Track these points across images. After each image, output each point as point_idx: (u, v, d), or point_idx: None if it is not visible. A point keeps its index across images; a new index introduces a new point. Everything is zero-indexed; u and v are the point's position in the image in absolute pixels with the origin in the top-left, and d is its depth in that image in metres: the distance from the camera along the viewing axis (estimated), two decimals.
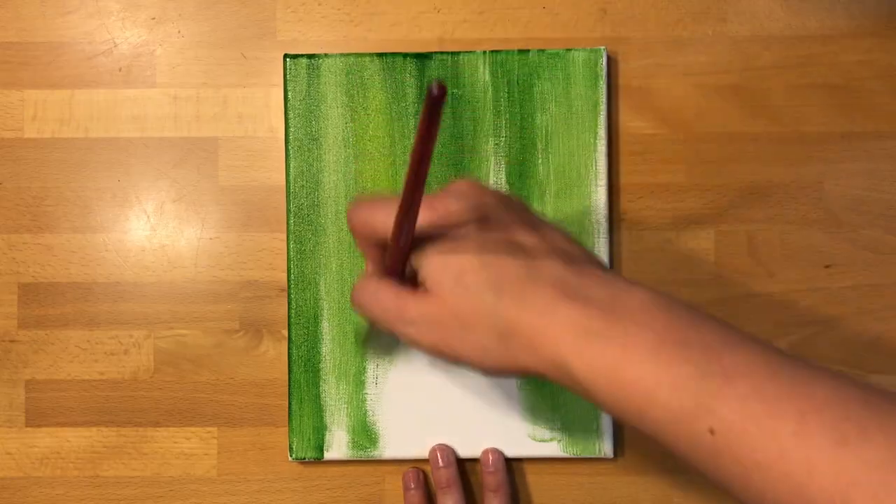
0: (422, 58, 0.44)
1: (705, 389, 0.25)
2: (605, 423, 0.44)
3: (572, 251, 0.31)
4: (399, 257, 0.31)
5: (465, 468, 0.44)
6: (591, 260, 0.31)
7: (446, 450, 0.43)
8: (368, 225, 0.32)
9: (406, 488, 0.44)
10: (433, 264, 0.30)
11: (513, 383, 0.44)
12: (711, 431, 0.25)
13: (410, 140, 0.44)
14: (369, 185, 0.44)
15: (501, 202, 0.32)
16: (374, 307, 0.32)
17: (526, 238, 0.30)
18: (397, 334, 0.32)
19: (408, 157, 0.44)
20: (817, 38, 0.45)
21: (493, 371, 0.30)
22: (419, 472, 0.44)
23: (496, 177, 0.44)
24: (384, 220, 0.31)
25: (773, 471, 0.24)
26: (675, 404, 0.25)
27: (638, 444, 0.45)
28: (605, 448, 0.44)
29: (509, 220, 0.31)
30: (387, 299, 0.32)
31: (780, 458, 0.23)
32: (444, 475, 0.43)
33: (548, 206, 0.44)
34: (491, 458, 0.43)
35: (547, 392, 0.44)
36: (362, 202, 0.33)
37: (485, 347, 0.29)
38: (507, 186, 0.44)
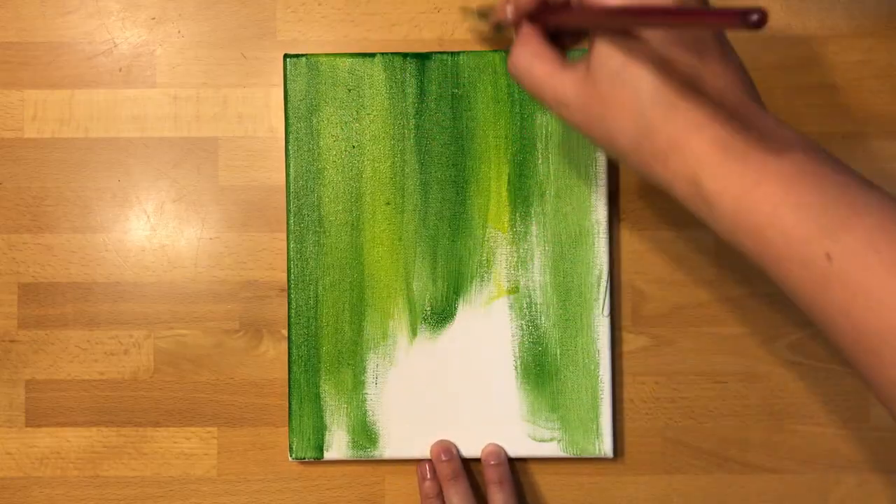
0: (422, 58, 0.44)
1: (831, 216, 0.25)
2: (605, 423, 0.44)
3: (747, 96, 0.30)
4: (576, 23, 0.30)
5: (467, 466, 0.44)
6: (761, 106, 0.30)
7: (448, 444, 0.43)
8: None
9: (422, 479, 0.44)
10: (608, 45, 0.29)
11: (513, 383, 0.44)
12: (828, 257, 0.25)
13: (411, 140, 0.44)
14: (369, 186, 0.44)
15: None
16: (529, 81, 0.32)
17: (712, 65, 0.29)
18: (547, 107, 0.32)
19: (409, 154, 0.44)
20: (817, 38, 0.45)
21: (629, 165, 0.30)
22: (434, 464, 0.44)
23: (496, 176, 0.44)
24: None
25: (884, 303, 0.24)
26: (796, 226, 0.25)
27: (638, 444, 0.45)
28: (605, 448, 0.44)
29: (705, 42, 0.29)
30: (542, 75, 0.31)
31: (894, 291, 0.24)
32: (448, 468, 0.43)
33: (548, 206, 0.44)
34: (493, 451, 0.43)
35: (547, 392, 0.44)
36: None
37: (623, 144, 0.29)
38: (508, 186, 0.44)
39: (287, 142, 0.44)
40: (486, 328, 0.44)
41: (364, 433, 0.44)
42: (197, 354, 0.45)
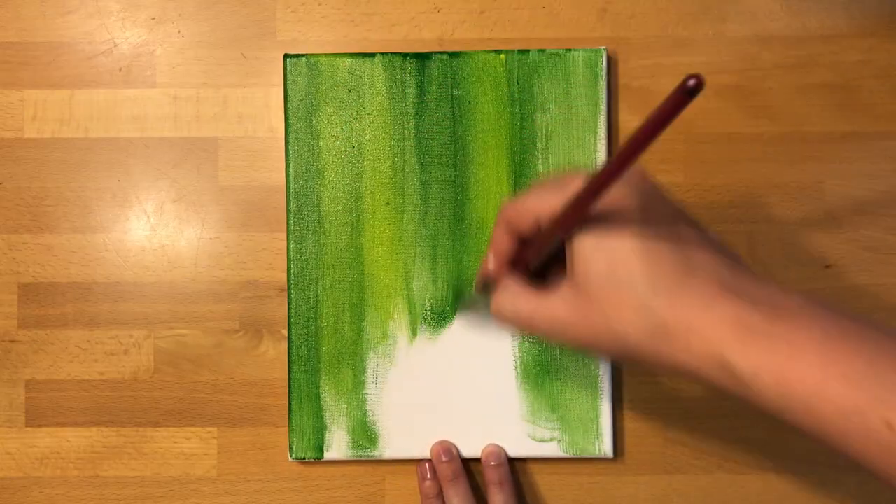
0: (422, 58, 0.44)
1: (880, 381, 0.24)
2: (605, 423, 0.44)
3: (727, 250, 0.29)
4: (546, 247, 0.30)
5: (467, 466, 0.44)
6: (742, 262, 0.30)
7: (448, 445, 0.43)
8: (531, 212, 0.31)
9: (422, 478, 0.44)
10: (586, 250, 0.29)
11: (513, 383, 0.44)
12: (889, 426, 0.24)
13: (411, 140, 0.44)
14: (369, 186, 0.44)
15: (663, 191, 0.30)
16: (519, 322, 0.32)
17: (686, 230, 0.29)
18: (541, 336, 0.31)
19: (409, 154, 0.44)
20: (817, 38, 0.45)
21: (645, 365, 0.29)
22: (434, 464, 0.44)
23: (496, 177, 0.44)
24: (552, 205, 0.29)
25: None
26: (847, 398, 0.25)
27: (638, 444, 0.45)
28: (605, 448, 0.44)
29: (671, 210, 0.30)
30: (529, 311, 0.31)
31: None
32: (449, 469, 0.43)
33: None
34: (493, 452, 0.43)
35: (547, 392, 0.44)
36: (532, 192, 0.31)
37: (636, 345, 0.28)
38: (508, 186, 0.44)
39: (287, 142, 0.44)
40: (487, 328, 0.44)
41: (364, 433, 0.44)
42: (197, 354, 0.45)
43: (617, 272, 0.28)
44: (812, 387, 0.25)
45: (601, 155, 0.44)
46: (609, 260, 0.28)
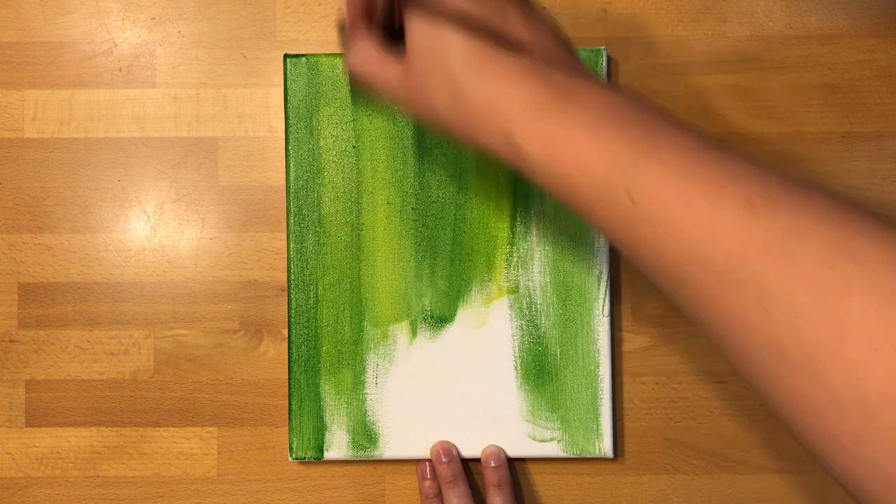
0: None
1: (632, 157, 0.26)
2: (605, 423, 0.44)
3: (557, 53, 0.31)
4: (387, 7, 0.32)
5: (467, 467, 0.44)
6: (573, 52, 0.31)
7: (448, 445, 0.43)
8: None
9: (422, 478, 0.44)
10: (417, 23, 0.30)
11: (513, 383, 0.44)
12: (630, 196, 0.26)
13: (411, 140, 0.44)
14: (369, 186, 0.44)
15: None
16: (361, 75, 0.34)
17: (514, 12, 0.30)
18: (380, 96, 0.33)
19: (409, 154, 0.44)
20: (817, 38, 0.45)
21: (457, 139, 0.31)
22: (433, 465, 0.44)
23: (496, 177, 0.44)
24: None
25: (682, 235, 0.24)
26: (601, 172, 0.26)
27: (638, 444, 0.45)
28: (605, 448, 0.44)
29: (507, 4, 0.31)
30: (371, 62, 0.33)
31: (691, 223, 0.24)
32: (448, 470, 0.43)
33: (548, 207, 0.44)
34: (492, 453, 0.43)
35: (547, 392, 0.44)
36: None
37: (443, 114, 0.30)
38: (507, 186, 0.44)
39: (287, 142, 0.44)
40: (486, 328, 0.44)
41: (364, 433, 0.44)
42: (197, 354, 0.45)
43: (437, 42, 0.30)
44: (574, 162, 0.27)
45: None
46: (434, 32, 0.30)
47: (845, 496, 0.45)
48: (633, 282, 0.45)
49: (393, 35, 0.34)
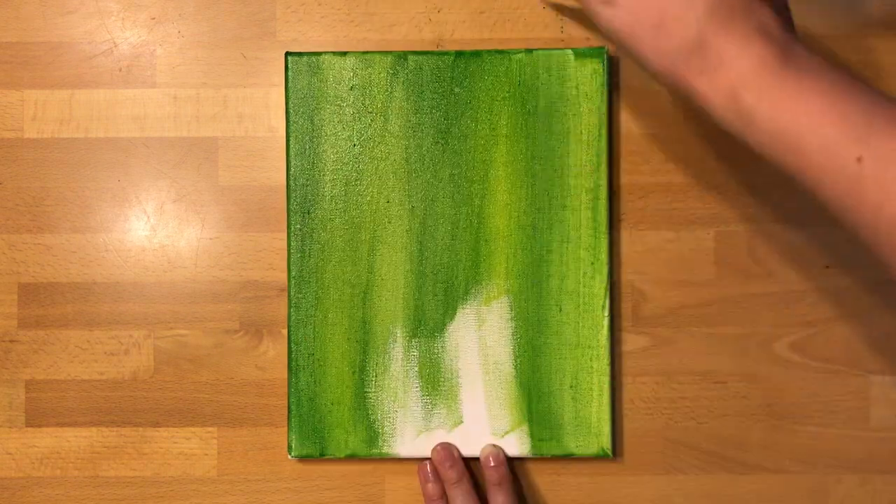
0: (422, 56, 0.44)
1: (865, 123, 0.28)
2: (605, 423, 0.44)
3: (785, 22, 0.32)
4: None
5: (468, 465, 0.44)
6: (794, 28, 0.33)
7: (450, 449, 0.43)
8: None
9: (425, 480, 0.44)
10: None
11: (512, 383, 0.44)
12: (859, 160, 0.27)
13: (411, 139, 0.44)
14: (370, 185, 0.44)
15: None
16: None
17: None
18: (593, 12, 0.34)
19: (409, 153, 0.44)
20: (817, 38, 0.45)
21: (664, 78, 0.32)
22: (435, 465, 0.44)
23: (496, 176, 0.44)
24: None
25: None
26: (831, 136, 0.28)
27: (638, 444, 0.45)
28: (605, 448, 0.44)
29: None
30: None
31: None
32: (453, 472, 0.43)
33: (548, 206, 0.44)
34: (492, 453, 0.43)
35: (547, 392, 0.44)
36: None
37: (671, 54, 0.31)
38: (508, 185, 0.44)
39: (288, 141, 0.44)
40: (486, 328, 0.44)
41: (364, 433, 0.44)
42: (197, 354, 0.45)
43: None
44: (805, 123, 0.29)
45: (602, 155, 0.44)
46: None
47: (844, 496, 0.45)
48: (633, 282, 0.45)
49: None
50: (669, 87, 0.33)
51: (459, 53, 0.44)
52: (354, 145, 0.44)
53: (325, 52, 0.44)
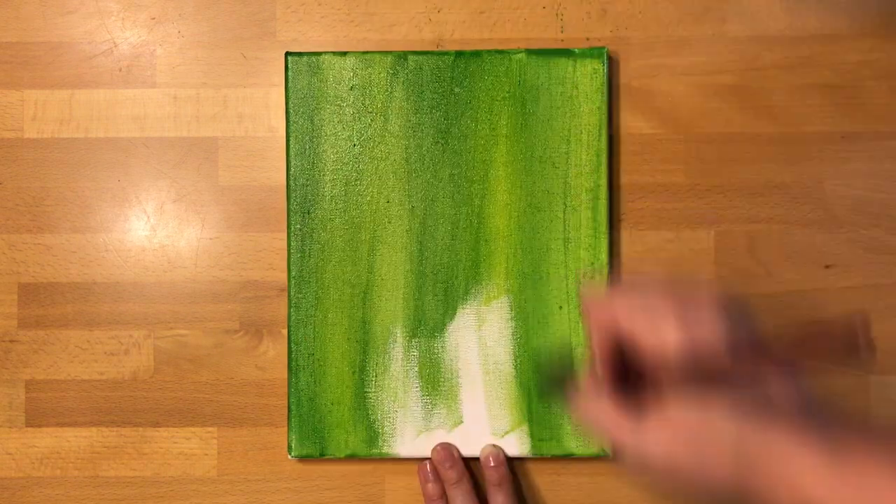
0: (422, 56, 0.44)
1: None
2: None
3: (811, 397, 0.32)
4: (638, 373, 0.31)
5: (468, 465, 0.44)
6: (811, 395, 0.32)
7: (450, 449, 0.43)
8: (616, 321, 0.31)
9: (425, 480, 0.44)
10: (679, 390, 0.30)
11: (513, 383, 0.44)
12: None
13: (411, 139, 0.44)
14: (369, 185, 0.44)
15: (756, 335, 0.32)
16: (595, 421, 0.33)
17: (776, 385, 0.31)
18: (617, 446, 0.32)
19: (409, 153, 0.44)
20: (817, 38, 0.45)
21: (721, 497, 0.30)
22: (435, 465, 0.44)
23: (496, 176, 0.44)
24: (644, 331, 0.31)
25: None
26: None
27: None
28: (605, 448, 0.44)
29: (760, 357, 0.31)
30: (607, 418, 0.32)
31: None
32: (453, 473, 0.43)
33: (548, 206, 0.44)
34: (492, 453, 0.43)
35: (546, 392, 0.44)
36: (618, 291, 0.32)
37: (721, 474, 0.30)
38: (508, 185, 0.44)
39: (288, 140, 0.44)
40: (486, 328, 0.44)
41: (364, 433, 0.44)
42: (197, 354, 0.45)
43: (709, 410, 0.30)
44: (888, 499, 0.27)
45: (602, 155, 0.44)
46: (702, 402, 0.30)
47: None
48: (633, 282, 0.45)
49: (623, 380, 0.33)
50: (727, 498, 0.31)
51: (459, 53, 0.44)
52: (354, 145, 0.44)
53: (325, 52, 0.44)
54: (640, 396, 0.31)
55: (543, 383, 0.43)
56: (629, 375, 0.32)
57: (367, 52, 0.44)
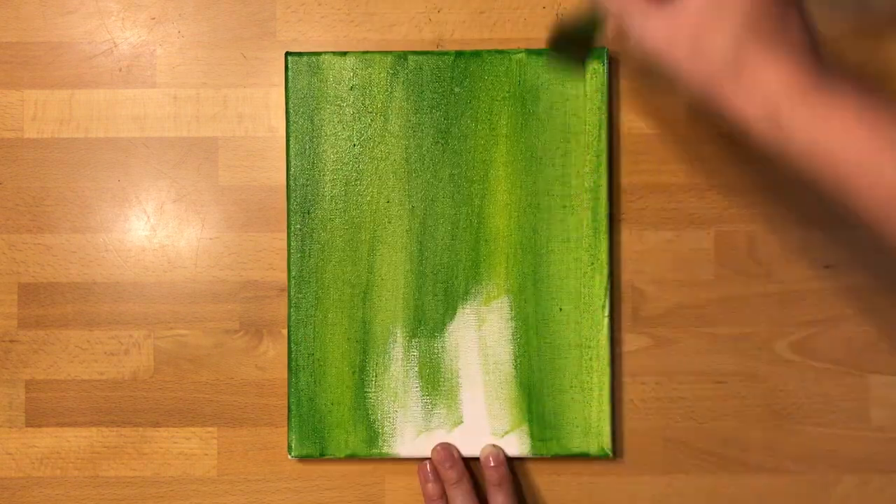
0: (422, 56, 0.44)
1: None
2: (605, 423, 0.44)
3: (816, 42, 0.33)
4: None
5: (468, 465, 0.44)
6: (819, 42, 0.34)
7: (450, 449, 0.43)
8: None
9: (425, 480, 0.44)
10: None
11: (513, 383, 0.44)
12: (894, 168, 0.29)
13: (411, 139, 0.44)
14: (370, 185, 0.44)
15: None
16: (620, 5, 0.34)
17: (796, 10, 0.32)
18: (629, 25, 0.34)
19: (409, 153, 0.44)
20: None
21: (701, 93, 0.32)
22: (434, 465, 0.44)
23: (496, 175, 0.44)
24: None
25: None
26: (867, 146, 0.29)
27: (638, 444, 0.45)
28: (606, 448, 0.44)
29: None
30: (632, 3, 0.34)
31: None
32: (453, 473, 0.43)
33: (547, 206, 0.44)
34: (492, 453, 0.43)
35: (547, 392, 0.44)
36: None
37: (708, 68, 0.32)
38: (508, 185, 0.44)
39: (288, 140, 0.44)
40: (486, 328, 0.44)
41: (364, 433, 0.44)
42: (197, 354, 0.45)
43: (721, 4, 0.31)
44: (840, 138, 0.29)
45: (602, 155, 0.44)
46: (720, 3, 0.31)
47: (844, 496, 0.45)
48: (633, 282, 0.45)
49: None
50: (702, 100, 0.33)
51: (459, 53, 0.44)
52: (354, 145, 0.44)
53: (325, 52, 0.44)
54: None
55: (558, 40, 0.41)
56: None
57: (367, 52, 0.44)
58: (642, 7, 0.33)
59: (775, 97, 0.31)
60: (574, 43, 0.40)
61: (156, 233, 0.46)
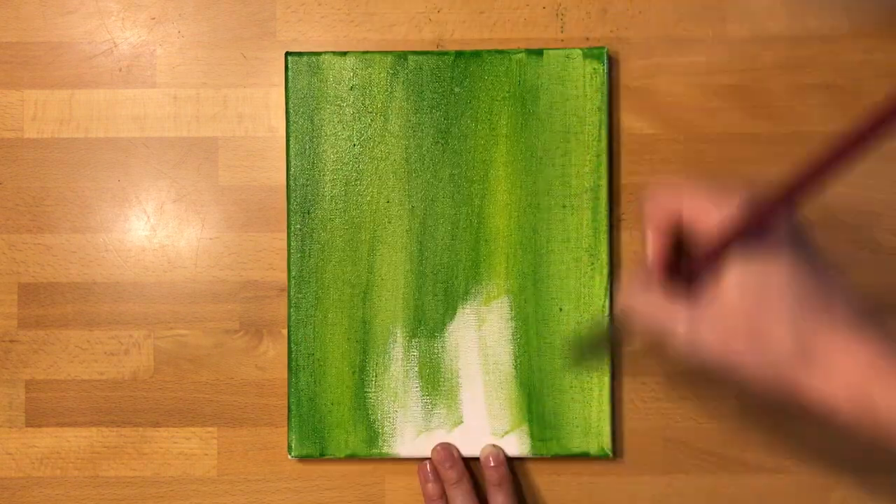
0: (422, 56, 0.44)
1: None
2: (605, 423, 0.44)
3: (855, 300, 0.31)
4: (707, 267, 0.31)
5: (468, 465, 0.44)
6: (873, 311, 0.32)
7: (450, 449, 0.43)
8: (676, 213, 0.31)
9: (425, 480, 0.44)
10: (738, 263, 0.30)
11: (513, 383, 0.44)
12: None
13: (411, 139, 0.44)
14: (370, 185, 0.44)
15: (805, 227, 0.32)
16: (647, 314, 0.32)
17: (825, 263, 0.31)
18: (671, 336, 0.31)
19: (409, 153, 0.44)
20: (817, 38, 0.45)
21: (770, 387, 0.30)
22: (435, 465, 0.44)
23: (496, 175, 0.44)
24: (708, 218, 0.30)
25: None
26: None
27: (638, 444, 0.45)
28: (605, 448, 0.44)
29: (812, 242, 0.31)
30: (660, 307, 0.32)
31: None
32: (453, 473, 0.43)
33: (547, 206, 0.44)
34: (492, 453, 0.43)
35: (546, 392, 0.44)
36: (682, 194, 0.32)
37: (775, 358, 0.29)
38: (508, 185, 0.44)
39: (288, 140, 0.44)
40: (486, 328, 0.44)
41: (364, 433, 0.44)
42: (197, 354, 0.45)
43: (768, 286, 0.29)
44: None
45: (602, 155, 0.44)
46: (761, 277, 0.29)
47: (844, 496, 0.45)
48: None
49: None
50: (771, 389, 0.31)
51: (459, 53, 0.44)
52: (354, 145, 0.44)
53: (325, 52, 0.44)
54: (691, 289, 0.31)
55: (580, 350, 0.43)
56: (681, 270, 0.32)
57: (367, 52, 0.44)
58: (685, 316, 0.31)
59: (862, 383, 0.28)
60: (595, 353, 0.42)
61: (156, 233, 0.46)
